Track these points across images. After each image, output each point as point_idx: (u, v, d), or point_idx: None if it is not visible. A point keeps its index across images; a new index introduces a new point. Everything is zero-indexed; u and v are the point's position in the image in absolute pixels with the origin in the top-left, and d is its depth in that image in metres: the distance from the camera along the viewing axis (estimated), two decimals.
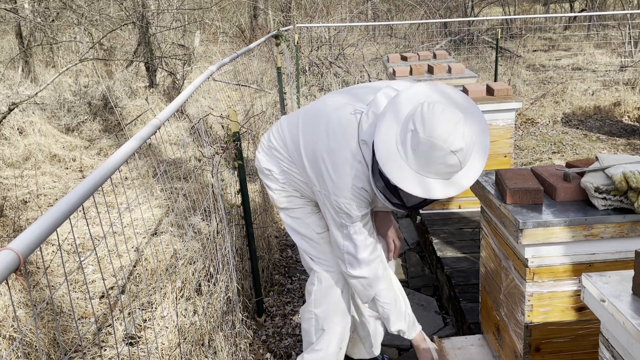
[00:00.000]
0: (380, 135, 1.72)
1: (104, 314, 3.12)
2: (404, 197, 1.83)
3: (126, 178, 5.21)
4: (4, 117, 5.84)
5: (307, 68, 9.09)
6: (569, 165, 1.92)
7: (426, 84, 1.80)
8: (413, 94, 1.75)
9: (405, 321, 2.17)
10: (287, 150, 2.15)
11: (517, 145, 6.00)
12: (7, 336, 2.73)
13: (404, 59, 5.22)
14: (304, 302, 2.47)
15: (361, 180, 1.91)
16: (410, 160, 1.67)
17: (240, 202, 2.92)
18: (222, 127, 2.70)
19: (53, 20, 8.83)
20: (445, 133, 1.61)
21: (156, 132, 1.93)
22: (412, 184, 1.68)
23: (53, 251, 3.79)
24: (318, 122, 2.04)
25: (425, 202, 1.88)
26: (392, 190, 1.81)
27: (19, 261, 1.00)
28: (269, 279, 3.43)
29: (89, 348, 2.77)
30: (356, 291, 2.15)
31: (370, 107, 1.90)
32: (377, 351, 2.53)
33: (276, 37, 6.87)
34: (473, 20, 11.28)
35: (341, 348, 2.34)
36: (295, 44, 7.36)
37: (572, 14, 13.52)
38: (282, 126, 2.19)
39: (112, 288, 3.39)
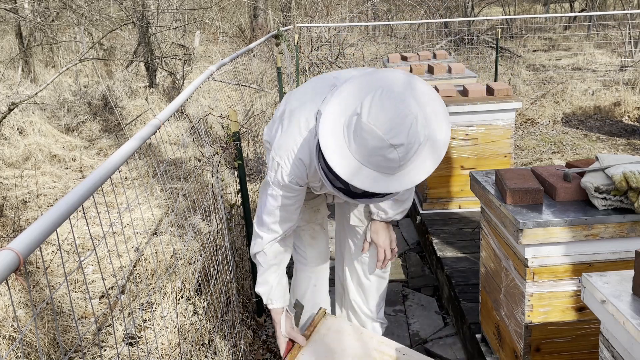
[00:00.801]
0: (329, 110, 1.60)
1: (104, 314, 3.12)
2: (343, 182, 1.68)
3: (126, 178, 5.21)
4: (4, 117, 5.84)
5: (307, 68, 9.09)
6: (569, 165, 1.92)
7: (404, 73, 1.65)
8: (381, 77, 1.62)
9: (266, 288, 2.12)
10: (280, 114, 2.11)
11: (517, 145, 6.00)
12: (7, 336, 2.73)
13: (404, 59, 5.22)
14: None
15: (302, 150, 1.81)
16: (351, 144, 1.54)
17: (240, 202, 2.92)
18: (222, 127, 2.70)
19: (53, 20, 8.83)
20: (388, 124, 1.47)
21: (156, 132, 1.93)
22: (346, 168, 1.54)
23: (53, 251, 3.79)
24: (302, 86, 2.03)
25: (369, 195, 1.68)
26: (332, 172, 1.64)
27: (19, 261, 1.00)
28: None
29: (89, 348, 2.77)
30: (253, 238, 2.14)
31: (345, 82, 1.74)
32: None
33: (276, 37, 6.88)
34: (473, 20, 11.28)
35: None
36: (295, 44, 7.36)
37: (572, 14, 13.52)
38: (286, 95, 2.17)
39: (112, 288, 3.39)
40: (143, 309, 3.03)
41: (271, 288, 2.11)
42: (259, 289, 2.14)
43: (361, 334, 2.11)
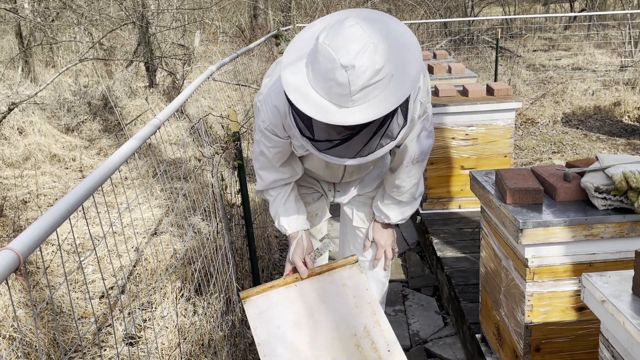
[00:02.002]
0: (296, 42, 1.55)
1: (104, 314, 3.12)
2: (313, 126, 1.60)
3: (126, 178, 5.21)
4: (4, 117, 5.84)
5: None
6: (569, 165, 1.92)
7: (384, 14, 1.58)
8: (355, 11, 1.57)
9: (277, 219, 2.05)
10: None
11: (517, 145, 6.00)
12: (7, 336, 2.73)
13: None
14: None
15: (279, 97, 1.75)
16: (309, 73, 1.49)
17: (240, 202, 2.92)
18: (222, 127, 2.70)
19: (53, 20, 8.83)
20: (342, 43, 1.40)
21: (156, 132, 1.93)
22: (301, 97, 1.48)
23: (53, 251, 3.79)
24: None
25: (340, 153, 1.59)
26: (300, 116, 1.58)
27: (19, 261, 1.00)
28: (269, 279, 3.43)
29: (89, 348, 2.77)
30: None
31: None
32: None
33: (276, 37, 6.88)
34: (473, 20, 11.28)
35: None
36: None
37: (572, 14, 13.52)
38: None
39: (112, 288, 3.39)
40: (143, 309, 3.03)
41: (281, 217, 2.04)
42: (275, 222, 2.07)
43: (366, 303, 1.91)
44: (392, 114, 1.55)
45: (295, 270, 1.97)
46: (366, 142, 1.58)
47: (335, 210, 2.56)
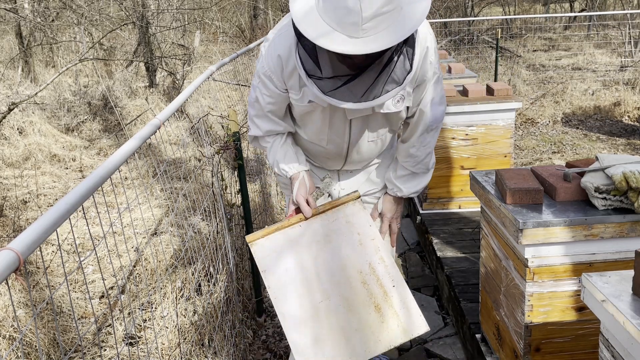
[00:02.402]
0: None
1: (104, 314, 3.12)
2: (319, 63, 1.62)
3: (126, 178, 5.21)
4: (4, 117, 5.84)
5: None
6: (569, 165, 1.92)
7: None
8: None
9: (277, 165, 2.02)
10: None
11: (517, 145, 6.00)
12: (7, 336, 2.73)
13: None
14: None
15: (283, 43, 1.74)
16: (319, 2, 1.52)
17: (240, 202, 2.92)
18: (222, 127, 2.70)
19: (53, 20, 8.83)
20: None
21: (156, 132, 1.93)
22: (309, 24, 1.50)
23: (53, 251, 3.79)
24: None
25: (343, 87, 1.61)
26: (308, 51, 1.60)
27: (19, 261, 1.00)
28: None
29: (89, 348, 2.77)
30: None
31: None
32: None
33: None
34: (473, 20, 11.28)
35: None
36: None
37: (572, 14, 13.52)
38: None
39: (112, 288, 3.39)
40: (143, 309, 3.04)
41: (281, 160, 2.01)
42: (274, 169, 2.05)
43: (370, 240, 1.91)
44: (399, 52, 1.57)
45: (298, 210, 1.95)
46: (371, 83, 1.59)
47: None
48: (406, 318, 1.80)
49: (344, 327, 1.79)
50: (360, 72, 1.57)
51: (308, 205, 1.93)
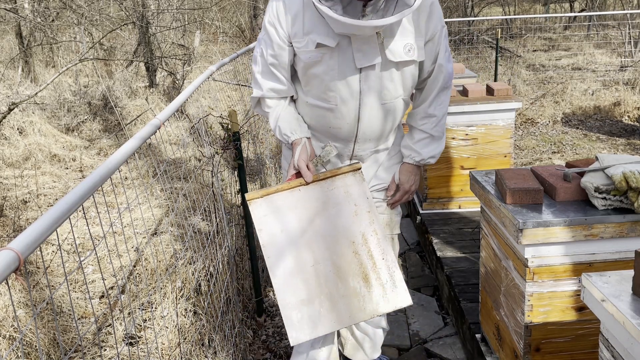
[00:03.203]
0: None
1: (104, 314, 3.12)
2: None
3: (126, 178, 5.21)
4: (4, 117, 5.84)
5: None
6: (569, 165, 1.92)
7: None
8: None
9: (278, 127, 2.01)
10: None
11: (517, 145, 6.00)
12: (7, 336, 2.73)
13: None
14: None
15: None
16: None
17: (240, 202, 2.92)
18: (222, 127, 2.70)
19: (53, 20, 8.83)
20: None
21: (156, 132, 1.93)
22: None
23: (53, 251, 3.79)
24: None
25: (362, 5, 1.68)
26: None
27: (19, 261, 1.00)
28: (269, 278, 3.43)
29: (89, 348, 2.77)
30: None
31: None
32: (376, 354, 2.47)
33: None
34: (473, 20, 11.28)
35: (322, 348, 2.32)
36: None
37: (572, 14, 13.52)
38: None
39: (112, 288, 3.39)
40: (143, 309, 3.04)
41: (283, 125, 1.99)
42: (275, 133, 2.04)
43: (365, 212, 1.93)
44: None
45: (298, 175, 1.96)
46: (384, 3, 1.66)
47: None
48: (391, 290, 1.86)
49: (331, 292, 1.85)
50: None
51: (309, 170, 1.93)
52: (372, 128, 1.99)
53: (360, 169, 1.98)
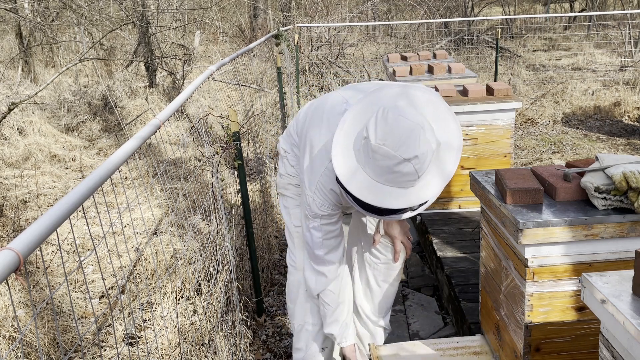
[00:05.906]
0: (337, 141, 1.64)
1: (104, 314, 3.12)
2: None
3: (126, 178, 5.21)
4: (4, 117, 5.84)
5: (307, 68, 9.09)
6: (569, 165, 1.92)
7: (400, 86, 1.70)
8: (378, 96, 1.67)
9: (338, 327, 2.14)
10: (298, 135, 2.12)
11: (517, 145, 6.00)
12: (7, 336, 2.73)
13: (404, 58, 5.21)
14: None
15: (330, 180, 1.84)
16: (367, 169, 1.58)
17: (240, 202, 2.92)
18: (222, 127, 2.70)
19: (53, 20, 8.83)
20: (397, 140, 1.50)
21: (156, 132, 1.93)
22: (371, 195, 1.58)
23: (53, 251, 3.79)
24: (318, 111, 2.01)
25: (403, 212, 1.68)
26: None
27: (19, 261, 1.00)
28: (269, 279, 3.43)
29: (89, 348, 2.77)
30: (307, 281, 2.13)
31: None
32: None
33: (276, 37, 6.87)
34: (473, 20, 11.28)
35: (324, 348, 2.32)
36: (295, 43, 7.35)
37: (572, 14, 13.52)
38: (303, 111, 2.16)
39: (112, 288, 3.39)
40: (143, 309, 3.03)
41: (345, 326, 2.13)
42: (330, 329, 2.13)
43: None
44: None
45: None
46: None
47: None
48: None
49: None
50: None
51: None
52: None
53: (373, 344, 2.25)
